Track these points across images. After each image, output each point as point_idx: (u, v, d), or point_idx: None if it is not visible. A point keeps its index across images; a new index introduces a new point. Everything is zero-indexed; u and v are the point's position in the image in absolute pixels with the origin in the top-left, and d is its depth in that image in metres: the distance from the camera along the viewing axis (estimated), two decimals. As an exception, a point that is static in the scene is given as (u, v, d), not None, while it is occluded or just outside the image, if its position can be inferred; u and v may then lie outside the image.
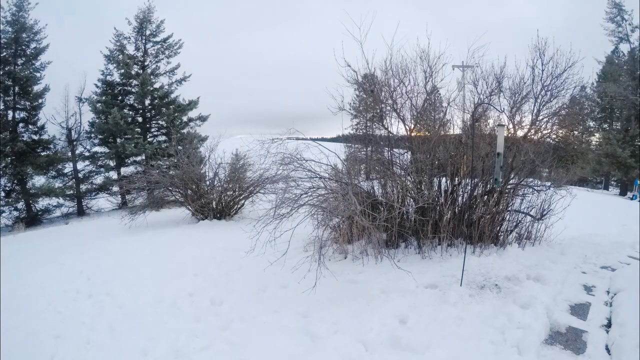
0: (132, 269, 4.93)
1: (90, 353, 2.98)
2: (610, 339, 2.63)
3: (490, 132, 4.93)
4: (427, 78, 4.72)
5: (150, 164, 11.22)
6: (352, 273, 4.06)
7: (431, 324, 2.89)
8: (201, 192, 8.52)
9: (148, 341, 3.00)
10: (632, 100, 17.69)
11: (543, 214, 4.87)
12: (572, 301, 3.30)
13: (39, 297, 4.24)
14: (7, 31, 13.60)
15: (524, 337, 2.60)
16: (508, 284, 3.54)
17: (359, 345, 2.69)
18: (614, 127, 21.36)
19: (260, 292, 3.87)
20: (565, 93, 4.71)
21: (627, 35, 19.63)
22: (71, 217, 14.24)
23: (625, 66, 19.99)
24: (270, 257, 3.92)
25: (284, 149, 4.51)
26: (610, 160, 19.07)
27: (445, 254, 4.38)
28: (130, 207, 10.16)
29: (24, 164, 13.31)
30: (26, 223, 12.68)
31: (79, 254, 6.28)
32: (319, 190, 4.25)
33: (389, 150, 4.92)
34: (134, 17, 15.34)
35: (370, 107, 5.90)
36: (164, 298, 3.85)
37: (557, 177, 5.11)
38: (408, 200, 4.70)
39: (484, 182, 4.69)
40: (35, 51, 14.29)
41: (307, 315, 3.23)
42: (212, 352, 2.81)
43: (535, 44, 4.55)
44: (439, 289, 3.50)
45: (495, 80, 4.69)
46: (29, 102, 14.15)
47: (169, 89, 15.81)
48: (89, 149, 15.46)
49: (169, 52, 15.93)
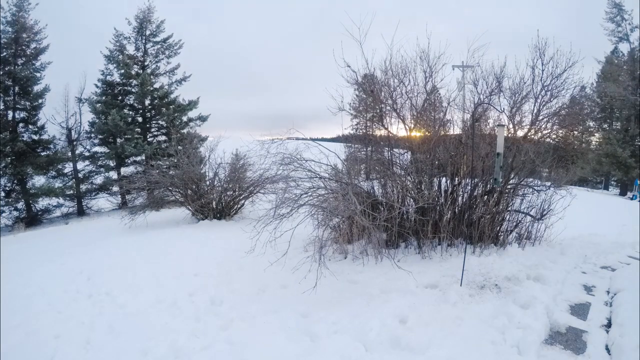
0: (132, 269, 4.93)
1: (90, 353, 2.98)
2: (610, 339, 2.63)
3: (490, 132, 4.93)
4: (427, 78, 4.73)
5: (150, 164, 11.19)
6: (352, 273, 4.06)
7: (431, 324, 2.89)
8: (201, 192, 8.52)
9: (148, 341, 3.00)
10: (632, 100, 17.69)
11: (543, 214, 4.87)
12: (572, 301, 3.30)
13: (39, 297, 4.23)
14: (7, 31, 13.59)
15: (524, 337, 2.60)
16: (508, 284, 3.55)
17: (359, 345, 2.69)
18: (614, 127, 21.34)
19: (260, 292, 3.87)
20: (565, 93, 4.71)
21: (627, 35, 19.63)
22: (71, 217, 14.23)
23: (625, 66, 19.97)
24: (271, 257, 3.92)
25: (284, 149, 4.51)
26: (610, 160, 19.06)
27: (445, 254, 4.39)
28: (130, 207, 10.16)
29: (24, 164, 13.30)
30: (26, 223, 12.68)
31: (79, 254, 6.28)
32: (319, 190, 4.25)
33: (389, 150, 4.92)
34: (134, 17, 15.34)
35: (370, 107, 5.90)
36: (164, 298, 3.85)
37: (557, 177, 5.11)
38: (408, 200, 4.70)
39: (484, 182, 4.69)
40: (35, 51, 14.28)
41: (307, 315, 3.23)
42: (212, 352, 2.81)
43: (536, 44, 4.56)
44: (439, 289, 3.51)
45: (495, 80, 4.69)
46: (29, 102, 14.14)
47: (169, 89, 15.81)
48: (89, 149, 15.45)
49: (169, 52, 15.93)
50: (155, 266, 4.99)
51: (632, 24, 19.22)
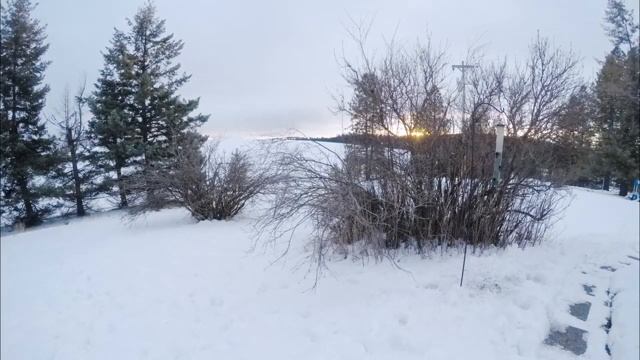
0: (132, 269, 4.92)
1: (90, 353, 2.98)
2: (610, 339, 2.63)
3: (490, 132, 4.93)
4: (427, 78, 4.72)
5: (150, 164, 11.19)
6: (352, 273, 4.06)
7: (431, 324, 2.89)
8: (201, 192, 8.52)
9: (148, 341, 3.00)
10: (632, 100, 17.68)
11: (543, 214, 4.87)
12: (572, 301, 3.30)
13: (39, 297, 4.23)
14: (7, 31, 13.60)
15: (524, 337, 2.60)
16: (508, 284, 3.55)
17: (359, 345, 2.69)
18: (614, 127, 21.33)
19: (260, 292, 3.87)
20: (566, 93, 4.72)
21: (627, 35, 19.63)
22: (71, 217, 14.23)
23: (625, 66, 19.97)
24: (271, 257, 3.92)
25: (284, 149, 4.51)
26: (610, 160, 19.05)
27: (445, 254, 4.38)
28: (130, 207, 10.15)
29: (24, 164, 13.30)
30: (26, 223, 12.67)
31: (79, 254, 6.27)
32: (319, 190, 4.25)
33: (389, 150, 4.92)
34: (134, 17, 15.35)
35: (370, 107, 5.89)
36: (164, 298, 3.84)
37: (557, 177, 5.11)
38: (408, 200, 4.70)
39: (484, 182, 4.69)
40: (35, 51, 14.28)
41: (307, 315, 3.23)
42: (212, 352, 2.81)
43: (536, 44, 4.56)
44: (439, 289, 3.50)
45: (495, 80, 4.69)
46: (29, 102, 14.15)
47: (169, 89, 15.81)
48: (89, 149, 15.44)
49: (169, 53, 15.93)
50: (155, 266, 4.98)
51: (633, 24, 19.24)
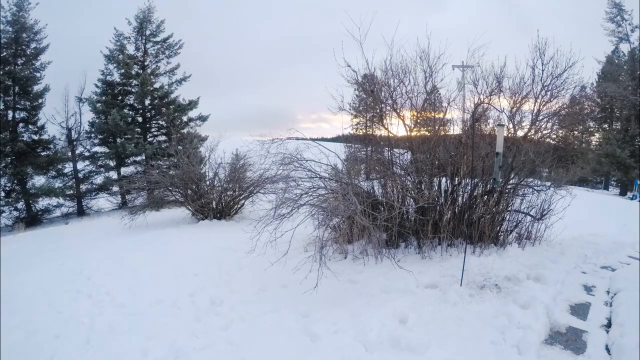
0: (132, 269, 4.93)
1: (90, 353, 2.98)
2: (610, 339, 2.63)
3: (490, 132, 4.93)
4: (427, 78, 4.72)
5: (150, 164, 11.20)
6: (353, 273, 4.06)
7: (431, 324, 2.89)
8: (201, 192, 8.52)
9: (148, 341, 3.00)
10: (632, 100, 17.68)
11: (543, 214, 4.87)
12: (572, 301, 3.30)
13: (39, 297, 4.24)
14: (7, 31, 13.59)
15: (524, 337, 2.60)
16: (508, 284, 3.55)
17: (359, 345, 2.69)
18: (614, 127, 21.32)
19: (260, 292, 3.87)
20: (565, 93, 4.71)
21: (627, 35, 19.60)
22: (71, 217, 14.23)
23: (625, 66, 19.97)
24: (271, 257, 3.92)
25: (284, 149, 4.51)
26: (610, 160, 19.04)
27: (445, 254, 4.38)
28: (130, 207, 10.14)
29: (24, 164, 13.30)
30: (26, 223, 12.67)
31: (79, 254, 6.28)
32: (319, 190, 4.26)
33: (389, 150, 4.92)
34: (134, 17, 15.35)
35: (370, 107, 5.89)
36: (164, 298, 3.84)
37: (557, 177, 5.11)
38: (408, 200, 4.70)
39: (484, 182, 4.69)
40: (35, 51, 14.28)
41: (307, 315, 3.23)
42: (212, 352, 2.81)
43: (536, 44, 4.56)
44: (439, 289, 3.51)
45: (495, 80, 4.69)
46: (29, 102, 14.15)
47: (169, 89, 15.81)
48: (89, 149, 15.45)
49: (169, 52, 15.94)
50: (155, 266, 4.98)
51: (633, 24, 19.21)
